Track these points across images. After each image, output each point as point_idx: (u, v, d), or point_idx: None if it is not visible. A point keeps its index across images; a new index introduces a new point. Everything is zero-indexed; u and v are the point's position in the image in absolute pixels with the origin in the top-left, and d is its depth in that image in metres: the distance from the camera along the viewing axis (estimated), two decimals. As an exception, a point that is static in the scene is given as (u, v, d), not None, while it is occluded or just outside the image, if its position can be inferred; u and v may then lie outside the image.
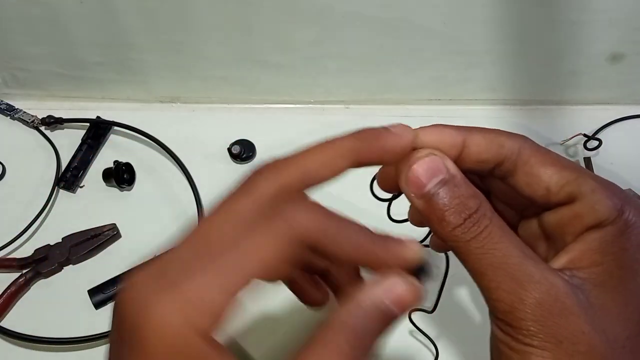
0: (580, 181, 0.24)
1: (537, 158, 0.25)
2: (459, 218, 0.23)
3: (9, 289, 0.49)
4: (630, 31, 0.56)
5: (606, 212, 0.23)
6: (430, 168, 0.24)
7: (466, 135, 0.26)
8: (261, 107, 0.64)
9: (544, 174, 0.25)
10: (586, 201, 0.24)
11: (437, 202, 0.24)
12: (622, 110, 0.62)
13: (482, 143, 0.26)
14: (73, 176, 0.58)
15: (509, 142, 0.26)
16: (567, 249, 0.24)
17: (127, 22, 0.56)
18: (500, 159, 0.26)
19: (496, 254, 0.23)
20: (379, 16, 0.55)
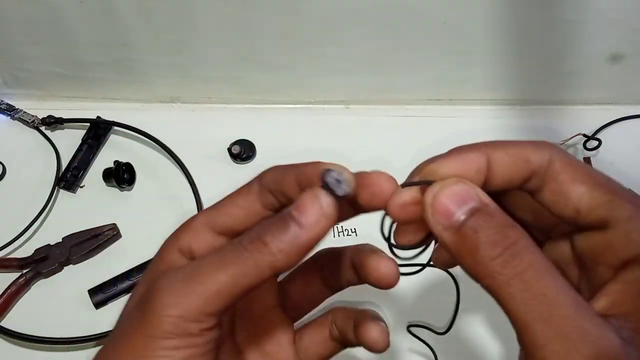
0: (615, 205, 0.21)
1: (568, 174, 0.22)
2: (496, 249, 0.20)
3: (9, 289, 0.49)
4: (630, 31, 0.56)
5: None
6: (458, 195, 0.21)
7: (489, 154, 0.23)
8: (261, 107, 0.64)
9: (573, 193, 0.22)
10: (621, 230, 0.21)
11: (469, 232, 0.20)
12: (622, 110, 0.62)
13: (506, 161, 0.23)
14: (73, 176, 0.58)
15: (536, 155, 0.22)
16: (606, 289, 0.21)
17: (127, 22, 0.56)
18: (527, 175, 0.23)
19: (544, 300, 0.19)
20: (379, 16, 0.55)
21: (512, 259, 0.19)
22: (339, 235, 0.54)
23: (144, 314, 0.22)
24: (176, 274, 0.22)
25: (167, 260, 0.26)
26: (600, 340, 0.19)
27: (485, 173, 0.23)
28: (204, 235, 0.25)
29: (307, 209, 0.21)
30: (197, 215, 0.26)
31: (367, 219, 0.26)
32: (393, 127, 0.62)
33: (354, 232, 0.53)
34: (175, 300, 0.21)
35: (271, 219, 0.22)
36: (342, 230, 0.54)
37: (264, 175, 0.25)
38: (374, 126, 0.62)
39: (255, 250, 0.21)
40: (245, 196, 0.25)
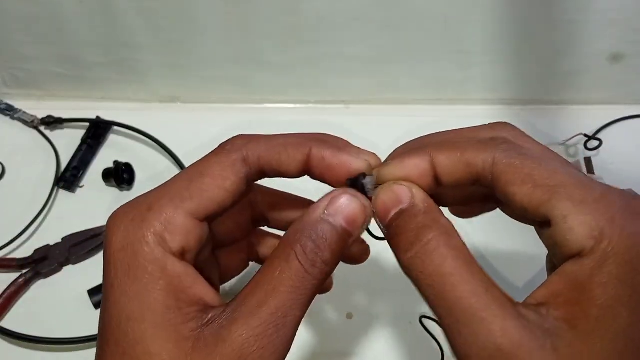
0: (553, 203, 0.21)
1: (509, 175, 0.22)
2: (411, 251, 0.22)
3: (9, 289, 0.49)
4: (630, 31, 0.56)
5: (578, 243, 0.21)
6: (391, 198, 0.24)
7: (432, 158, 0.24)
8: (261, 107, 0.64)
9: (516, 195, 0.22)
10: (559, 229, 0.21)
11: (393, 232, 0.24)
12: (622, 110, 0.62)
13: (448, 164, 0.24)
14: (73, 176, 0.58)
15: (477, 158, 0.23)
16: (548, 280, 0.22)
17: (127, 22, 0.56)
18: (472, 177, 0.24)
19: (449, 290, 0.21)
20: (379, 16, 0.55)
21: (422, 260, 0.22)
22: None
23: None
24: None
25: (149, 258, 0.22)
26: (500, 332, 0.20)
27: (431, 174, 0.24)
28: (185, 226, 0.23)
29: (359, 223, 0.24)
30: (175, 205, 0.23)
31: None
32: (393, 127, 0.62)
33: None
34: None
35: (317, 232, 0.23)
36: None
37: (248, 151, 0.25)
38: (374, 126, 0.62)
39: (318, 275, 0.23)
40: (230, 178, 0.24)
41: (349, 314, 0.49)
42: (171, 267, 0.22)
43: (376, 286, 0.50)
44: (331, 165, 0.25)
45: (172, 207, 0.23)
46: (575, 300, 0.20)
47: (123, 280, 0.22)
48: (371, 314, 0.49)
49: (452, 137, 0.26)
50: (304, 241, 0.23)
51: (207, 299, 0.23)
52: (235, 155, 0.25)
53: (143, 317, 0.21)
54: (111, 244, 0.23)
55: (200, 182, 0.24)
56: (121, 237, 0.23)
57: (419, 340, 0.47)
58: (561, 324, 0.20)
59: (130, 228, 0.23)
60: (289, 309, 0.22)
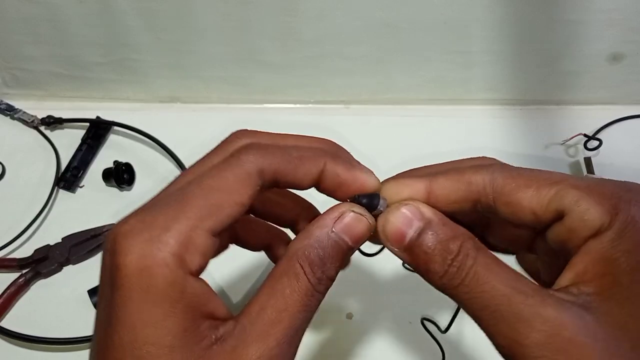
0: (562, 194, 0.23)
1: (511, 185, 0.24)
2: (443, 265, 0.23)
3: (9, 289, 0.49)
4: (630, 31, 0.56)
5: (597, 220, 0.22)
6: (405, 219, 0.24)
7: (430, 181, 0.25)
8: (261, 107, 0.64)
9: (523, 200, 0.23)
10: (574, 214, 0.22)
11: (419, 253, 0.23)
12: (622, 110, 0.62)
13: (448, 186, 0.25)
14: (73, 176, 0.58)
15: (476, 176, 0.24)
16: (571, 263, 0.23)
17: (127, 22, 0.56)
18: (473, 197, 0.24)
19: (485, 296, 0.22)
20: (379, 16, 0.55)
21: (456, 270, 0.22)
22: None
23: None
24: None
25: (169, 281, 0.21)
26: (539, 318, 0.21)
27: (425, 198, 0.25)
28: (205, 245, 0.22)
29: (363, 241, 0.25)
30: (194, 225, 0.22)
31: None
32: (393, 127, 0.62)
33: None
34: None
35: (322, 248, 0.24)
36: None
37: (265, 164, 0.24)
38: (374, 126, 0.62)
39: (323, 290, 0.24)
40: (247, 193, 0.23)
41: (349, 314, 0.49)
42: (190, 289, 0.22)
43: (376, 286, 0.50)
44: (345, 182, 0.25)
45: (190, 227, 0.22)
46: (603, 273, 0.21)
47: (139, 305, 0.21)
48: (371, 314, 0.49)
49: (445, 166, 0.26)
50: (312, 258, 0.23)
51: (218, 313, 0.23)
52: (252, 168, 0.24)
53: (161, 341, 0.21)
54: (125, 266, 0.21)
55: (218, 199, 0.23)
56: (136, 259, 0.21)
57: (419, 340, 0.47)
58: (594, 298, 0.21)
59: (147, 250, 0.21)
60: (299, 327, 0.23)
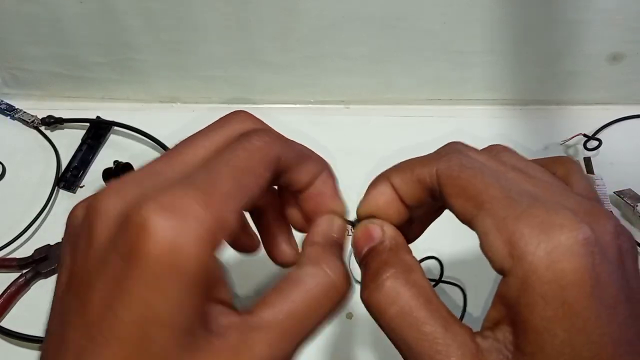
0: (479, 219, 0.21)
1: (448, 187, 0.23)
2: (369, 285, 0.23)
3: (9, 289, 0.49)
4: (630, 31, 0.56)
5: (498, 262, 0.20)
6: (364, 236, 0.25)
7: (391, 182, 0.25)
8: (261, 107, 0.64)
9: (454, 205, 0.22)
10: (482, 246, 0.21)
11: (363, 268, 0.24)
12: (622, 110, 0.62)
13: (404, 184, 0.25)
14: (73, 176, 0.58)
15: (424, 171, 0.24)
16: (493, 300, 0.21)
17: (127, 22, 0.56)
18: (426, 193, 0.24)
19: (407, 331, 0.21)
20: (379, 16, 0.55)
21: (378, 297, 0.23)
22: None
23: None
24: None
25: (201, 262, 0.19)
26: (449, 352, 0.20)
27: (396, 198, 0.25)
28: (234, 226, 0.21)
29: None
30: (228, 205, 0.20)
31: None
32: (393, 127, 0.62)
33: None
34: None
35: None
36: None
37: (283, 153, 0.24)
38: (374, 126, 0.62)
39: None
40: (267, 177, 0.23)
41: (349, 314, 0.49)
42: (213, 271, 0.20)
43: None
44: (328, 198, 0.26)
45: (226, 206, 0.20)
46: (514, 323, 0.20)
47: (162, 281, 0.19)
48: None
49: (409, 161, 0.26)
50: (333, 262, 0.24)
51: (227, 299, 0.21)
52: (274, 154, 0.23)
53: (173, 321, 0.19)
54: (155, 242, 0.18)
55: (247, 181, 0.22)
56: (171, 235, 0.19)
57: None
58: (514, 348, 0.20)
59: (185, 227, 0.19)
60: (314, 330, 0.22)
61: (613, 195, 0.54)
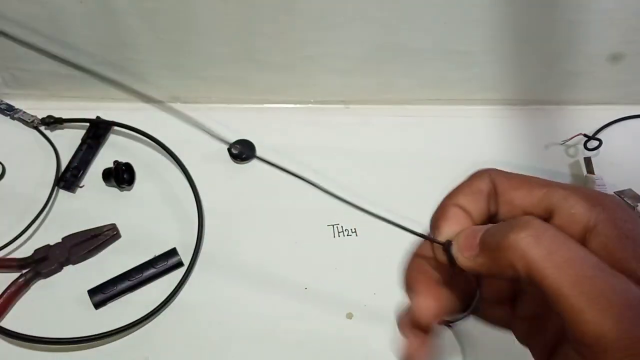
0: (550, 193, 0.24)
1: (506, 186, 0.25)
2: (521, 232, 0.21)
3: (9, 289, 0.49)
4: (630, 31, 0.56)
5: (584, 214, 0.22)
6: (471, 235, 0.24)
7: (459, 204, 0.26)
8: (261, 107, 0.64)
9: (517, 198, 0.24)
10: (563, 211, 0.23)
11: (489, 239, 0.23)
12: (622, 110, 0.62)
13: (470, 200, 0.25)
14: (73, 176, 0.58)
15: (481, 183, 0.26)
16: None
17: (127, 22, 0.56)
18: (487, 201, 0.25)
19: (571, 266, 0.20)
20: (379, 16, 0.55)
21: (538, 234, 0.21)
22: (338, 235, 0.54)
23: None
24: None
25: None
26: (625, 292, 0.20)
27: (470, 219, 0.25)
28: None
29: None
30: None
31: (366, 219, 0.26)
32: (393, 127, 0.62)
33: (354, 232, 0.53)
34: None
35: None
36: (342, 231, 0.54)
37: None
38: (374, 126, 0.62)
39: None
40: None
41: (349, 314, 0.49)
42: None
43: (376, 286, 0.50)
44: None
45: None
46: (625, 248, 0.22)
47: None
48: (371, 314, 0.49)
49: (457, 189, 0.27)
50: None
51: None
52: None
53: None
54: None
55: None
56: None
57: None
58: None
59: None
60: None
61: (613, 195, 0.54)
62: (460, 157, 0.58)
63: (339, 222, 0.54)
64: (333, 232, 0.54)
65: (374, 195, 0.54)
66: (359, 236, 0.53)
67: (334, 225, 0.54)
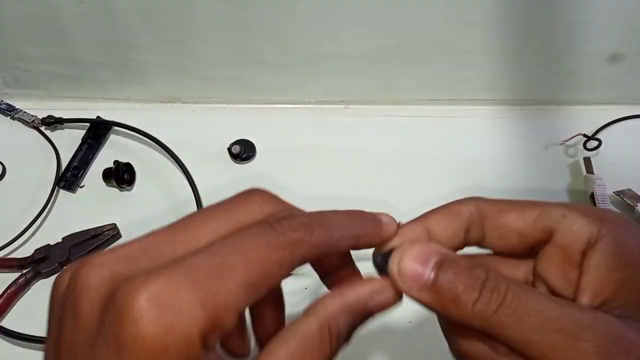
0: (546, 213, 0.23)
1: (495, 209, 0.24)
2: (474, 292, 0.20)
3: (9, 289, 0.49)
4: (630, 31, 0.56)
5: (586, 229, 0.22)
6: (420, 255, 0.22)
7: (424, 221, 0.25)
8: (261, 107, 0.64)
9: (508, 221, 0.24)
10: (563, 229, 0.22)
11: (444, 286, 0.21)
12: (622, 110, 0.62)
13: (440, 221, 0.24)
14: (73, 176, 0.58)
15: (462, 207, 0.24)
16: (581, 285, 0.22)
17: (127, 22, 0.56)
18: (463, 227, 0.24)
19: (532, 313, 0.20)
20: (379, 16, 0.55)
21: (491, 293, 0.20)
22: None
23: None
24: None
25: None
26: (598, 322, 0.20)
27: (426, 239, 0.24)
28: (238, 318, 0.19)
29: None
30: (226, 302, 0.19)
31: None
32: (393, 127, 0.62)
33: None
34: None
35: None
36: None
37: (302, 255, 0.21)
38: (374, 126, 0.62)
39: None
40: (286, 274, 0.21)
41: (348, 314, 0.49)
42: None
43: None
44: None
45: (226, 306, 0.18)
46: (622, 280, 0.21)
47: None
48: (371, 314, 0.49)
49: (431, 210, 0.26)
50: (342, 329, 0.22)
51: None
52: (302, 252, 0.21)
53: None
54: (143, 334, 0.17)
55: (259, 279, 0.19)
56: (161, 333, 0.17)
57: (419, 339, 0.47)
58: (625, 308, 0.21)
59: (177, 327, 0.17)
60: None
61: (613, 195, 0.54)
62: (460, 157, 0.58)
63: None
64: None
65: (374, 195, 0.54)
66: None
67: (334, 225, 0.54)
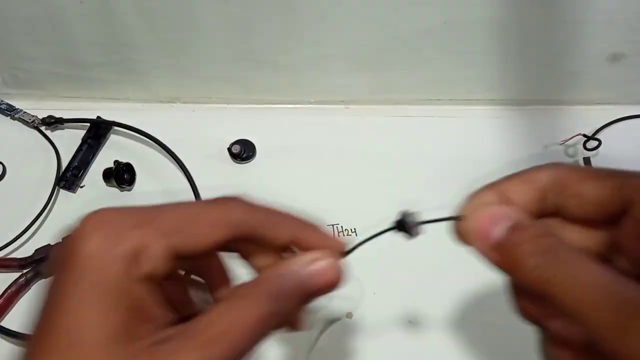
0: (625, 183, 0.23)
1: (574, 178, 0.24)
2: (537, 258, 0.21)
3: (10, 289, 0.49)
4: (630, 31, 0.56)
5: None
6: (494, 216, 0.23)
7: (499, 187, 0.24)
8: (261, 107, 0.64)
9: (587, 191, 0.23)
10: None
11: (510, 248, 0.22)
12: (622, 110, 0.62)
13: (516, 187, 0.24)
14: (73, 176, 0.58)
15: (539, 174, 0.24)
16: None
17: (127, 22, 0.56)
18: (540, 194, 0.24)
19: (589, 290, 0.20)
20: (379, 16, 0.55)
21: (552, 262, 0.21)
22: (338, 235, 0.54)
23: None
24: None
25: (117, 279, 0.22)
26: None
27: None
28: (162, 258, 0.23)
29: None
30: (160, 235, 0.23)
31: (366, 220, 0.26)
32: (393, 127, 0.62)
33: (354, 232, 0.53)
34: None
35: None
36: (342, 231, 0.54)
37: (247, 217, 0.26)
38: (374, 126, 0.62)
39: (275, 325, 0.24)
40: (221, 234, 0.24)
41: (348, 314, 0.49)
42: (136, 292, 0.22)
43: (376, 286, 0.50)
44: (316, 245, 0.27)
45: (152, 236, 0.22)
46: None
47: (84, 294, 0.21)
48: (371, 314, 0.49)
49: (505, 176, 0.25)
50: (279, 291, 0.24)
51: (162, 320, 0.23)
52: (235, 217, 0.25)
53: (95, 338, 0.20)
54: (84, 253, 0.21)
55: (193, 228, 0.23)
56: (95, 249, 0.21)
57: (419, 339, 0.47)
58: None
59: (105, 244, 0.21)
60: (245, 350, 0.22)
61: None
62: (460, 157, 0.58)
63: (338, 222, 0.54)
64: (333, 232, 0.54)
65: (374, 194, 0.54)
66: (359, 236, 0.53)
67: (333, 225, 0.54)
